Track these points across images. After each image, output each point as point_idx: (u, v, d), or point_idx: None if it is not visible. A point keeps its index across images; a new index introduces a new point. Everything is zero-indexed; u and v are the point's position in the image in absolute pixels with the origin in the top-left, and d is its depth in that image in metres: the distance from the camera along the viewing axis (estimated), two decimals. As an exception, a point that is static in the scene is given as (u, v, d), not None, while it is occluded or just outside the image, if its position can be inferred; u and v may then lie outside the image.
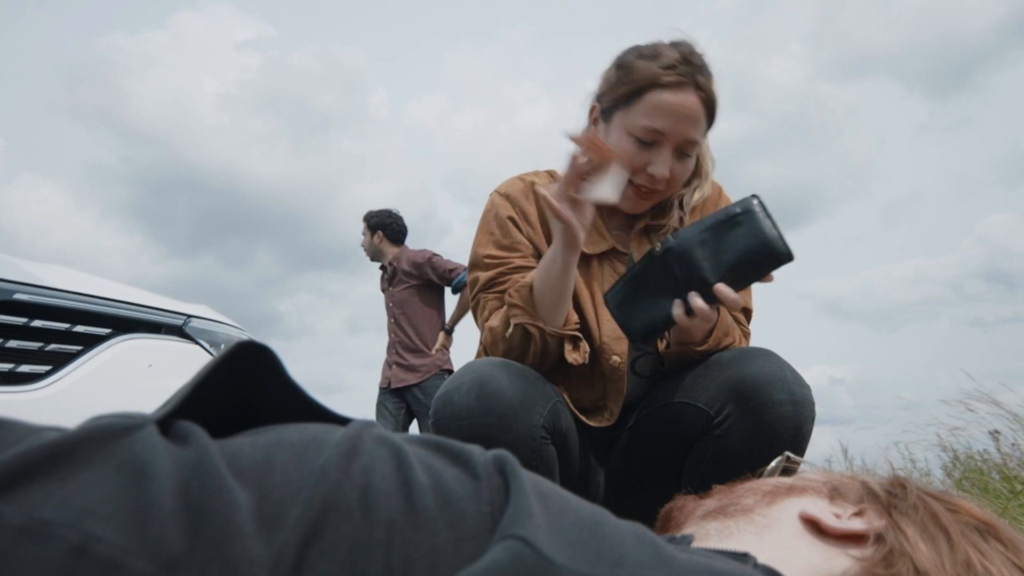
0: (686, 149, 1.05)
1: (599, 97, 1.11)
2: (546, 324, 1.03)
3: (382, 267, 3.78)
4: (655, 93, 1.01)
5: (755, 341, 1.20)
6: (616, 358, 1.12)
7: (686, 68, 1.01)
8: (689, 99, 1.02)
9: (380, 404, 3.61)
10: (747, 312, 1.19)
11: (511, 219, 1.14)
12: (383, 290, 3.75)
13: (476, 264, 1.15)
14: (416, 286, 3.59)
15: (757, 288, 1.22)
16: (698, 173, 1.15)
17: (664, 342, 1.13)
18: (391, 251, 3.72)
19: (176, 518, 0.25)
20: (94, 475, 0.26)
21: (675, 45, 1.04)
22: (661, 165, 1.04)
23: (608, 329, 1.13)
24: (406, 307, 3.60)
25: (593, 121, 1.13)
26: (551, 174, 1.21)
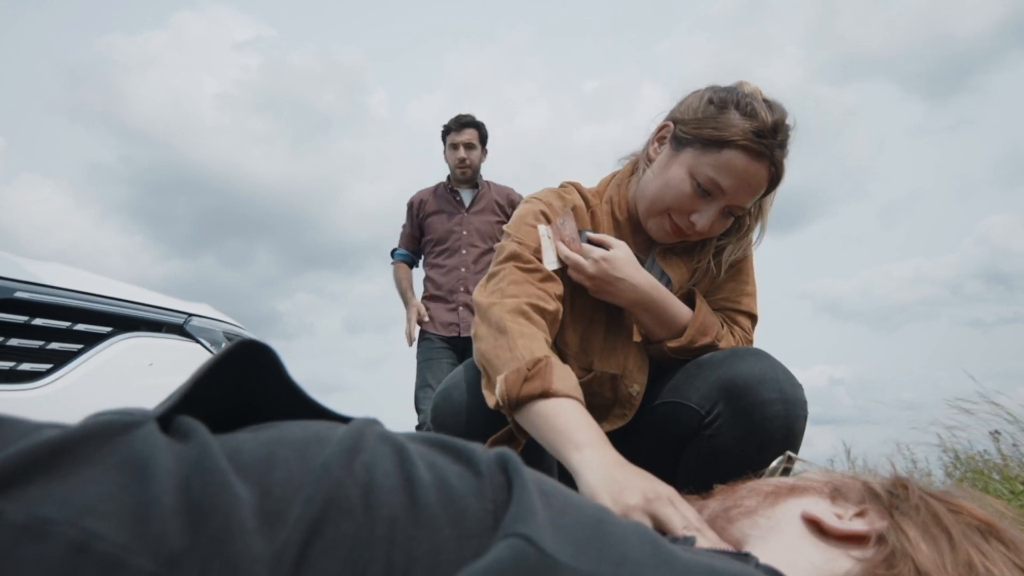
0: (734, 211, 1.06)
1: (677, 121, 1.08)
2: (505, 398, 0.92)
3: (451, 189, 3.06)
4: (734, 152, 0.99)
5: (754, 340, 1.20)
6: (636, 387, 1.12)
7: (771, 140, 1.00)
8: (761, 172, 1.01)
9: (430, 360, 2.83)
10: (752, 318, 1.19)
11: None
12: (444, 212, 3.00)
13: (510, 235, 1.11)
14: (501, 223, 2.95)
15: (759, 289, 1.22)
16: (738, 228, 1.13)
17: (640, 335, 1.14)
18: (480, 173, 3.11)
19: (177, 515, 0.25)
20: (95, 472, 0.26)
21: (771, 109, 1.02)
22: (705, 219, 1.04)
23: (635, 358, 1.13)
24: (489, 242, 2.95)
25: (659, 139, 1.11)
26: (575, 185, 1.20)
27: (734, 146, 0.99)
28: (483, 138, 3.07)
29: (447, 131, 3.05)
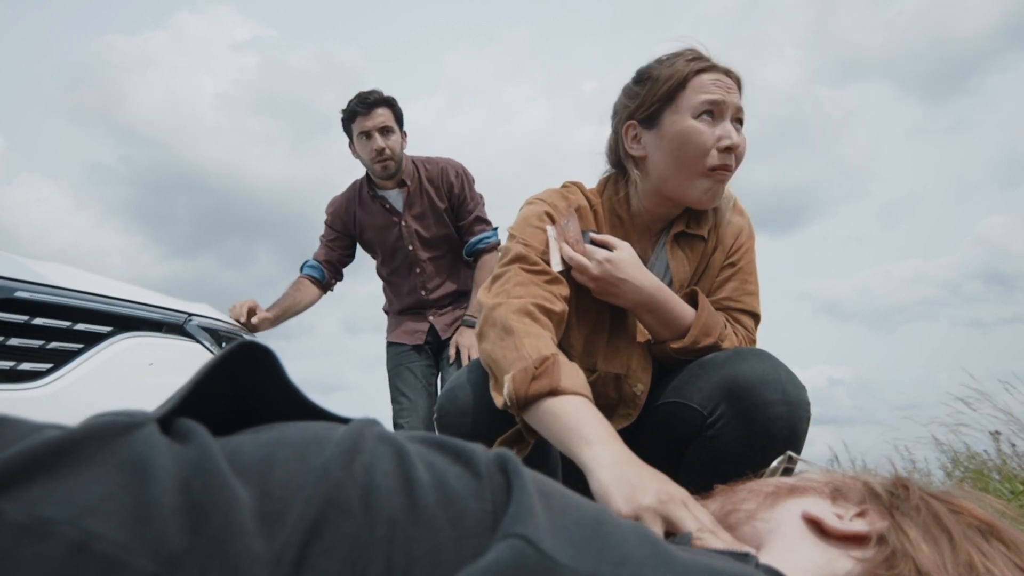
0: (740, 117, 1.09)
1: (632, 114, 1.12)
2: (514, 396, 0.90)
3: (374, 195, 2.32)
4: (697, 77, 1.07)
5: (757, 341, 1.20)
6: (640, 386, 1.12)
7: (707, 57, 1.09)
8: (725, 77, 1.08)
9: (399, 367, 2.36)
10: (754, 317, 1.19)
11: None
12: (376, 225, 2.34)
13: (515, 237, 1.11)
14: (446, 211, 2.31)
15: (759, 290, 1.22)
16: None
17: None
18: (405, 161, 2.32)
19: (177, 516, 0.25)
20: (95, 473, 0.26)
21: (684, 49, 1.10)
22: (731, 133, 1.06)
23: (638, 358, 1.13)
24: (441, 246, 2.34)
25: (633, 139, 1.14)
26: (578, 186, 1.21)
27: (691, 75, 1.07)
28: (399, 117, 2.29)
29: (352, 116, 2.25)
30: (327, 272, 2.40)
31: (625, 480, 0.71)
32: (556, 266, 1.08)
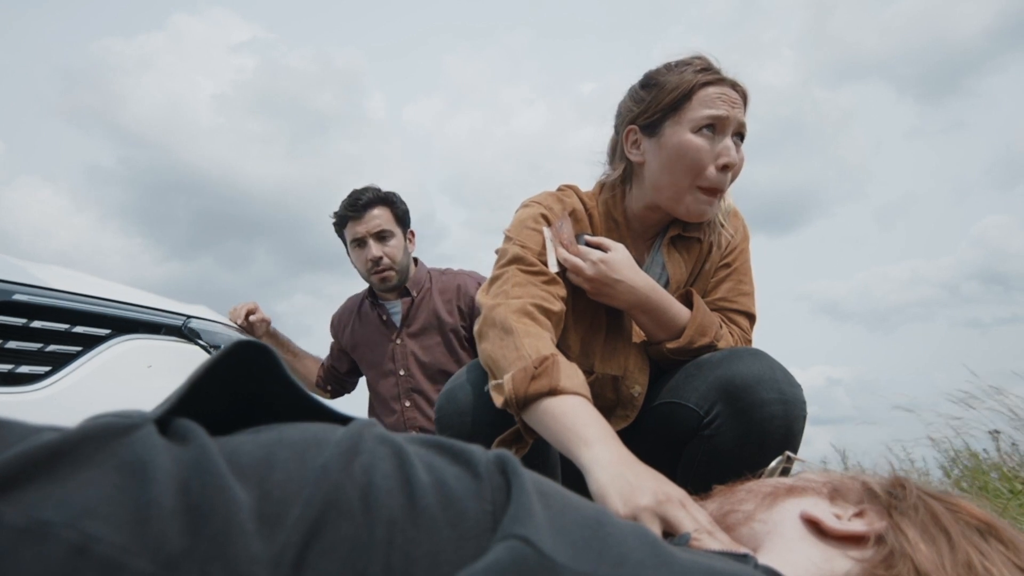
0: (742, 132, 1.08)
1: (634, 119, 1.11)
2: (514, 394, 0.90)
3: (375, 302, 1.98)
4: (703, 90, 1.05)
5: (754, 341, 1.20)
6: (638, 387, 1.13)
7: (716, 69, 1.07)
8: (731, 91, 1.06)
9: None
10: (750, 317, 1.19)
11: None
12: (368, 341, 1.99)
13: (511, 239, 1.12)
14: (453, 331, 1.91)
15: (757, 290, 1.22)
16: None
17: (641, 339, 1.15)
18: (413, 268, 1.99)
19: (176, 517, 0.25)
20: (93, 475, 0.26)
21: (693, 57, 1.09)
22: (731, 150, 1.06)
23: (635, 359, 1.14)
24: (440, 379, 1.88)
25: (633, 144, 1.13)
26: (574, 188, 1.21)
27: (697, 87, 1.05)
28: (401, 217, 1.94)
29: (342, 221, 1.93)
30: (322, 378, 2.13)
31: (623, 480, 0.71)
32: (552, 267, 1.08)
